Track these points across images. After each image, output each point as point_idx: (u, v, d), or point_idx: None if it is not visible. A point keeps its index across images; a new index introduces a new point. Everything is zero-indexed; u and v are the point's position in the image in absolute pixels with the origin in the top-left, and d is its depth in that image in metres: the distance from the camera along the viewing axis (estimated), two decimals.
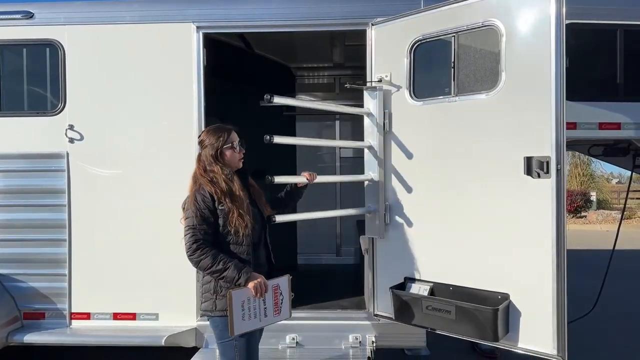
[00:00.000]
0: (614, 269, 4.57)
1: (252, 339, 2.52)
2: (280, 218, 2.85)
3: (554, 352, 2.62)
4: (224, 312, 2.39)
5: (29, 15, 3.56)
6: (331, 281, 5.01)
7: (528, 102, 2.67)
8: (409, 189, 3.25)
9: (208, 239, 2.41)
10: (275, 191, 2.99)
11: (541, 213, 2.62)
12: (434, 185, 3.11)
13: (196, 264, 2.38)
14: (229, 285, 2.38)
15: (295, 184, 2.96)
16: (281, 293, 2.51)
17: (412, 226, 3.23)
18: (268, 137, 2.74)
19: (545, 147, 2.60)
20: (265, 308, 2.45)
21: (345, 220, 6.02)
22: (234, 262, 2.38)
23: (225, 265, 2.36)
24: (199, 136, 2.65)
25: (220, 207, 2.43)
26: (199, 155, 2.59)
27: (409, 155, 3.24)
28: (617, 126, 3.52)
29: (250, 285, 2.37)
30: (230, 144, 2.55)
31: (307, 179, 2.93)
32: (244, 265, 2.41)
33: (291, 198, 2.99)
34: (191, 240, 2.37)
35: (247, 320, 2.38)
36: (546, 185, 2.60)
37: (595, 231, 14.80)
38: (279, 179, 2.79)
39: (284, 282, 2.53)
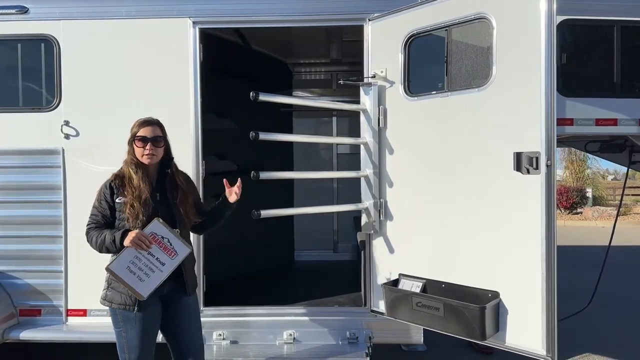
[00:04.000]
0: (610, 265, 4.59)
1: (144, 332, 2.52)
2: (266, 213, 2.85)
3: (543, 351, 2.59)
4: (111, 304, 2.51)
5: (24, 10, 3.53)
6: (328, 277, 5.01)
7: (518, 96, 2.65)
8: (403, 185, 3.25)
9: (100, 227, 2.50)
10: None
11: (531, 210, 2.60)
12: (428, 182, 3.10)
13: (93, 247, 2.49)
14: (113, 249, 2.41)
15: (222, 203, 2.78)
16: (162, 237, 2.43)
17: (407, 222, 3.23)
18: (253, 133, 2.75)
19: (535, 142, 2.58)
20: (157, 258, 2.42)
21: (343, 217, 6.02)
22: (109, 230, 2.45)
23: (103, 234, 2.43)
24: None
25: (117, 200, 2.50)
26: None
27: (404, 152, 3.24)
28: (614, 122, 3.52)
29: (127, 242, 2.37)
30: (135, 138, 2.56)
31: (234, 193, 2.72)
32: (118, 228, 2.46)
33: (213, 216, 2.82)
34: (86, 229, 2.52)
35: (147, 279, 2.39)
36: (536, 181, 2.58)
37: (591, 227, 14.86)
38: (264, 175, 2.82)
39: (155, 226, 2.43)
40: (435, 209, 3.07)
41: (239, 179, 2.77)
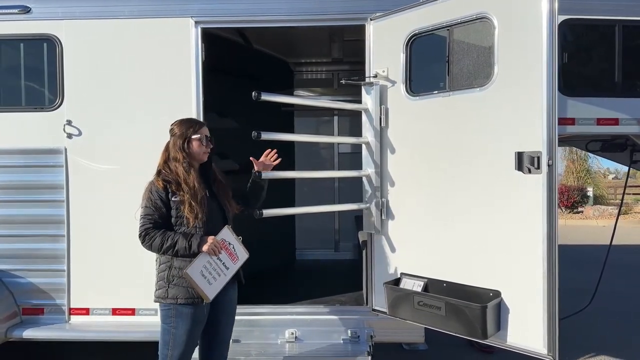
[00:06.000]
0: (611, 265, 4.60)
1: (194, 329, 2.58)
2: (268, 212, 2.87)
3: (544, 350, 2.59)
4: (176, 300, 2.54)
5: (26, 10, 3.53)
6: (330, 277, 5.02)
7: (520, 96, 2.66)
8: (405, 185, 3.26)
9: (158, 227, 2.53)
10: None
11: (532, 209, 2.61)
12: (429, 181, 3.11)
13: (149, 247, 2.53)
14: (186, 253, 2.48)
15: (253, 180, 2.90)
16: (229, 243, 2.62)
17: (408, 222, 3.24)
18: (255, 133, 2.78)
19: (536, 142, 2.58)
20: (223, 263, 2.59)
21: (344, 216, 6.03)
22: (180, 234, 2.51)
23: (174, 239, 2.48)
24: (171, 125, 2.72)
25: (173, 199, 2.55)
26: (167, 144, 2.69)
27: (405, 151, 3.25)
28: (615, 122, 3.53)
29: (205, 248, 2.49)
30: (198, 136, 2.65)
31: (262, 163, 2.88)
32: (191, 233, 2.52)
33: (253, 194, 2.94)
34: (141, 229, 2.54)
35: (214, 283, 2.54)
36: (537, 181, 2.58)
37: (591, 226, 14.86)
38: (266, 174, 2.84)
39: (225, 233, 2.61)
40: (436, 208, 3.08)
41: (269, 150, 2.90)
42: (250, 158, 2.91)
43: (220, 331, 2.76)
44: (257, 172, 2.83)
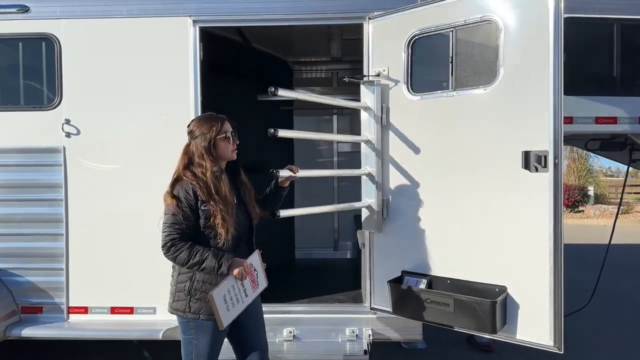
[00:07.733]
0: (611, 264, 4.60)
1: (215, 340, 2.48)
2: (284, 213, 2.85)
3: (551, 343, 2.66)
4: (197, 315, 2.38)
5: (25, 9, 3.53)
6: (328, 275, 5.03)
7: (526, 96, 2.68)
8: (406, 183, 3.26)
9: (185, 237, 2.34)
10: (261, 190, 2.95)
11: (539, 206, 2.65)
12: (431, 180, 3.12)
13: (173, 259, 2.35)
14: (212, 273, 2.33)
15: (276, 186, 2.76)
16: (255, 269, 2.48)
17: (409, 220, 3.23)
18: (272, 130, 2.67)
19: (543, 141, 2.62)
20: (244, 289, 2.43)
21: (343, 215, 6.03)
22: (211, 252, 2.32)
23: (203, 256, 2.30)
24: (188, 126, 2.49)
25: (203, 207, 2.34)
26: (187, 147, 2.46)
27: (406, 150, 3.24)
28: (614, 120, 3.53)
29: (236, 272, 2.33)
30: (224, 134, 2.43)
31: (292, 174, 2.72)
32: (222, 253, 2.35)
33: (271, 200, 2.79)
34: (167, 238, 2.33)
35: (232, 309, 2.37)
36: (544, 179, 2.63)
37: (592, 225, 14.83)
38: (283, 173, 2.73)
39: (254, 258, 2.48)
40: (439, 206, 3.08)
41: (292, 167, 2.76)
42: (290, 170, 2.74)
43: (246, 335, 2.63)
44: (275, 171, 2.67)
